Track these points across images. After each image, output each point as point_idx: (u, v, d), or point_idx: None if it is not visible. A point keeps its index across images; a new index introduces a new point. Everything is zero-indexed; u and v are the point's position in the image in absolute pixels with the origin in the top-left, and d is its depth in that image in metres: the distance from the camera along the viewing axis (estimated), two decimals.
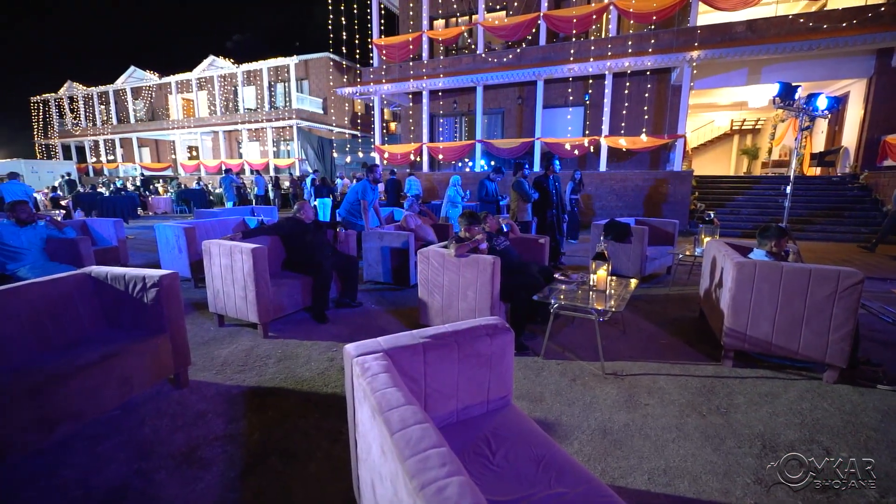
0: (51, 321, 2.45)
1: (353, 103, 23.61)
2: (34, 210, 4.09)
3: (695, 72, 10.26)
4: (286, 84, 21.57)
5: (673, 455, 2.09)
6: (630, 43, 10.55)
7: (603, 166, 11.18)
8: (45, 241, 4.05)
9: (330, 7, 13.50)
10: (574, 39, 11.47)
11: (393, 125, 23.58)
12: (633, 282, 3.54)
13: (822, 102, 5.66)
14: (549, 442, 1.60)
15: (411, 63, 13.31)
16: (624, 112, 11.29)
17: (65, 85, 27.26)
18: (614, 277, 3.51)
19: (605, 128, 11.05)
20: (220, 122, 22.23)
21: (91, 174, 25.73)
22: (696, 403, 2.56)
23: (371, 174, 5.26)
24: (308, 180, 13.03)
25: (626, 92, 11.28)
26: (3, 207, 8.95)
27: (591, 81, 11.64)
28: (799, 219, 9.17)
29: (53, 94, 27.64)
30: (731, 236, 8.54)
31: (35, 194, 11.35)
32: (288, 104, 21.15)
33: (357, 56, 14.56)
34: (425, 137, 13.31)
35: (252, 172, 19.14)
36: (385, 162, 13.61)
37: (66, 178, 15.95)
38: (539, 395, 2.66)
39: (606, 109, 10.98)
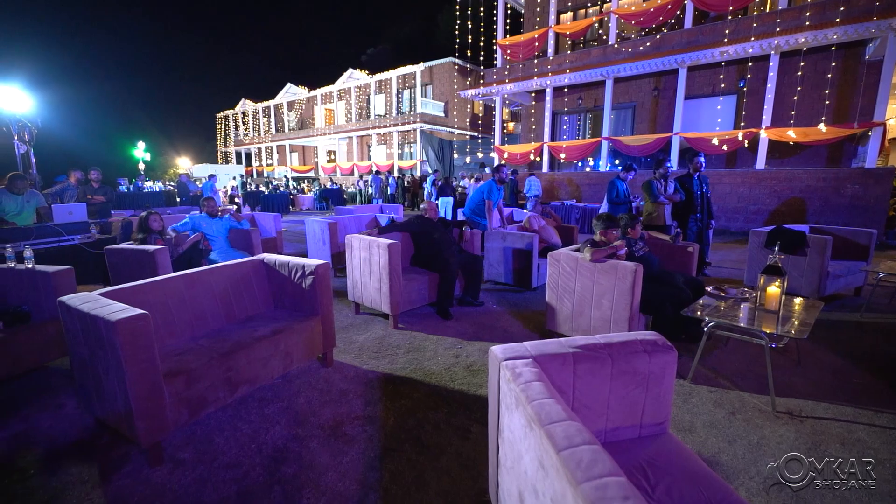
0: (234, 297, 2.93)
1: (473, 105, 24.12)
2: (219, 206, 4.98)
3: None
4: (412, 90, 22.97)
5: None
6: (808, 14, 8.75)
7: (761, 163, 9.51)
8: (228, 231, 4.90)
9: (457, 12, 13.94)
10: (729, 18, 9.95)
11: (511, 125, 23.47)
12: (814, 302, 2.90)
13: None
14: (722, 485, 1.35)
15: (535, 60, 13.03)
16: (795, 98, 9.43)
17: (239, 102, 33.08)
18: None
19: (767, 118, 9.37)
20: (355, 127, 24.65)
21: (255, 176, 30.79)
22: None
23: (497, 174, 5.25)
24: (429, 180, 13.71)
25: (799, 74, 9.40)
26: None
27: (749, 65, 9.98)
28: None
29: (231, 111, 33.74)
30: None
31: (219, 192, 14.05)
32: (413, 109, 22.49)
33: (481, 58, 14.77)
34: (546, 136, 12.92)
35: (378, 174, 20.85)
36: (504, 162, 13.58)
37: (240, 178, 19.34)
38: (689, 425, 2.33)
39: (769, 97, 9.29)
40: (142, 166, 20.24)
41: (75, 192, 6.33)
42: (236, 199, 15.27)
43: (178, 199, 12.42)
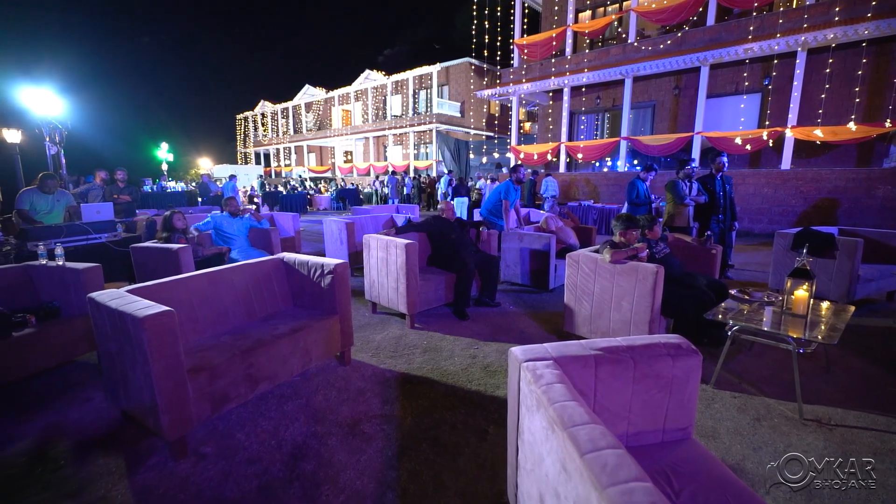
0: (255, 296, 2.98)
1: (489, 105, 24.05)
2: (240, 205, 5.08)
3: None
4: (428, 91, 23.04)
5: None
6: (837, 9, 8.46)
7: (786, 163, 9.24)
8: (248, 231, 4.98)
9: (474, 11, 13.92)
10: (754, 14, 9.69)
11: (527, 125, 23.34)
12: (844, 307, 2.80)
13: None
14: (750, 494, 1.31)
15: (553, 60, 12.91)
16: (822, 96, 9.13)
17: (259, 104, 33.67)
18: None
19: (793, 117, 9.10)
20: (371, 128, 24.85)
21: (273, 176, 31.29)
22: None
23: (514, 174, 5.22)
24: (443, 181, 13.71)
25: (828, 71, 9.10)
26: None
27: (774, 62, 9.70)
28: None
29: (251, 112, 34.37)
30: None
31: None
32: (429, 109, 22.55)
33: (498, 57, 14.72)
34: (564, 136, 12.80)
35: (394, 174, 20.96)
36: (520, 162, 13.49)
37: (259, 179, 19.69)
38: (711, 431, 2.27)
39: (796, 95, 9.03)
40: (165, 167, 20.78)
41: (100, 191, 6.53)
42: (255, 199, 15.55)
43: (199, 199, 12.70)
